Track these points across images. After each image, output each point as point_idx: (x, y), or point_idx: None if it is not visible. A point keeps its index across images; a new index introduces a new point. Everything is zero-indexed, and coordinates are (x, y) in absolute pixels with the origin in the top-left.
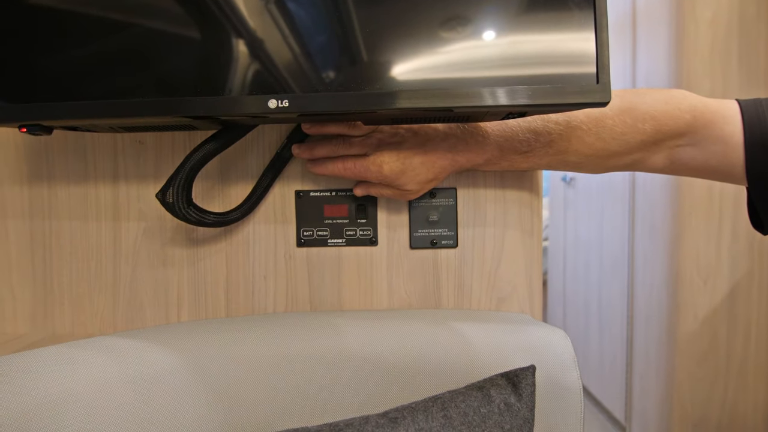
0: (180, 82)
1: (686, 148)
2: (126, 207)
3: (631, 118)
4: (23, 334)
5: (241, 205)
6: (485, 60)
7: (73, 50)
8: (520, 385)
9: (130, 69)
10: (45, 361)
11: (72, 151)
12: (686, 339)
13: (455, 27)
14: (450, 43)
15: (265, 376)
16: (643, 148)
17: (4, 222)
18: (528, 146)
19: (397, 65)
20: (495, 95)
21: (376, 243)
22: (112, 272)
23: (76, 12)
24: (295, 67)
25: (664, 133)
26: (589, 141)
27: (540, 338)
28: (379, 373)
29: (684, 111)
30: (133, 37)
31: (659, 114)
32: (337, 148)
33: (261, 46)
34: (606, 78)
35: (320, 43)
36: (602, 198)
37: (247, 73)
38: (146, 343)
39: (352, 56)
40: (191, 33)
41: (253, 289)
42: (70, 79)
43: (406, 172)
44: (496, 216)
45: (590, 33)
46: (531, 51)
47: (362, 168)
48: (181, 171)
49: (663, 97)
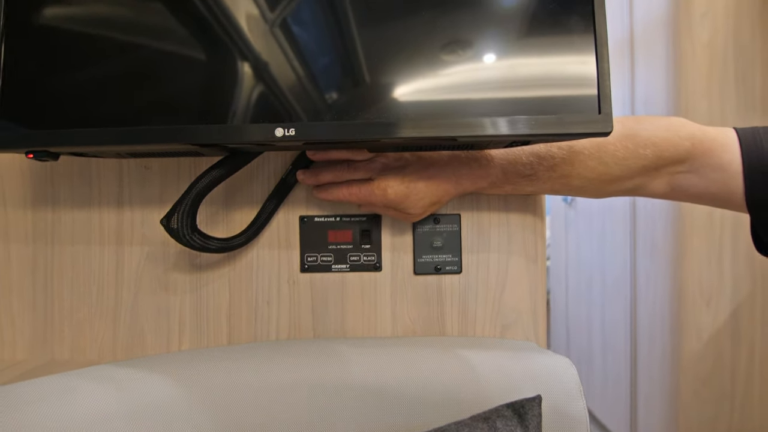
0: (187, 110)
1: (686, 175)
2: (130, 232)
3: (633, 143)
4: (22, 360)
5: (245, 231)
6: (493, 85)
7: (80, 78)
8: (527, 416)
9: (136, 96)
10: (45, 391)
11: (77, 176)
12: (690, 359)
13: (456, 50)
14: (455, 66)
15: (268, 405)
16: (644, 173)
17: (6, 246)
18: (531, 169)
19: (401, 90)
20: (499, 125)
21: (380, 269)
22: (113, 298)
23: (83, 40)
24: (301, 94)
25: (665, 159)
26: (591, 165)
27: (545, 367)
28: (383, 402)
29: (683, 138)
30: (139, 65)
31: (660, 140)
32: (341, 174)
33: (266, 75)
34: (608, 108)
35: (324, 70)
36: (603, 218)
37: (253, 101)
38: (147, 373)
39: (357, 82)
40: (197, 61)
41: (256, 315)
42: (77, 106)
43: (410, 196)
44: (500, 241)
45: (591, 63)
46: (533, 79)
47: (367, 193)
48: (186, 197)
49: (663, 125)
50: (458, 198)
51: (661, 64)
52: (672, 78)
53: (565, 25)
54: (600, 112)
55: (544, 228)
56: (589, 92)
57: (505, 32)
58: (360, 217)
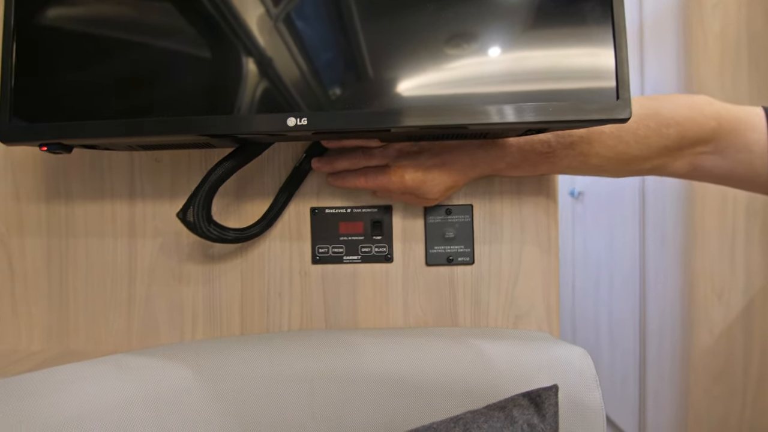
0: (199, 102)
1: (710, 156)
2: (142, 224)
3: (655, 122)
4: (38, 350)
5: (261, 220)
6: (504, 77)
7: (93, 72)
8: (543, 406)
9: (148, 89)
10: (64, 379)
11: (89, 170)
12: (701, 355)
13: (461, 43)
14: (466, 58)
15: (281, 395)
16: (666, 154)
17: (21, 239)
18: (549, 147)
19: (411, 81)
20: (513, 112)
21: (391, 260)
22: (127, 290)
23: (95, 35)
24: (310, 86)
25: (688, 139)
26: (611, 144)
27: (560, 357)
28: (396, 392)
29: (709, 117)
30: (152, 58)
31: (683, 119)
32: (357, 161)
33: (277, 64)
34: (626, 94)
35: (332, 62)
36: (611, 212)
37: (263, 93)
38: (163, 362)
39: (366, 74)
40: (205, 56)
41: (268, 306)
42: (89, 100)
43: (427, 182)
44: (513, 232)
45: (609, 49)
46: (550, 67)
47: (384, 179)
48: (200, 190)
49: (687, 103)
50: (470, 188)
51: (671, 55)
52: (683, 69)
53: (581, 13)
54: (618, 98)
55: (557, 219)
56: (608, 86)
57: (517, 21)
58: (371, 208)
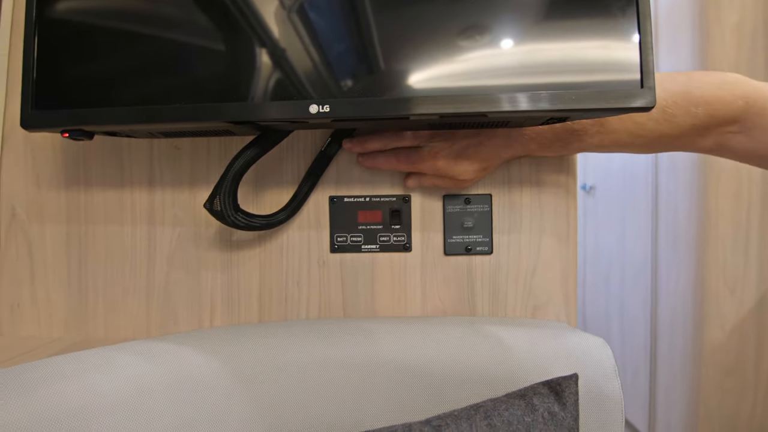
0: (223, 89)
1: (736, 135)
2: (161, 212)
3: (684, 101)
4: (58, 337)
5: (287, 206)
6: (524, 65)
7: (114, 60)
8: (564, 394)
9: (170, 77)
10: (85, 364)
11: (109, 157)
12: (713, 350)
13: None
14: (484, 49)
15: (301, 383)
16: (694, 132)
17: (41, 226)
18: (581, 125)
19: (433, 71)
20: (535, 100)
21: (410, 249)
22: (146, 277)
23: (115, 26)
24: (335, 72)
25: (716, 119)
26: (641, 121)
27: (580, 346)
28: (415, 380)
29: (737, 97)
30: (174, 47)
31: (712, 99)
32: (389, 141)
33: (298, 53)
34: (651, 82)
35: (354, 49)
36: (623, 206)
37: (288, 79)
38: (184, 348)
39: (389, 61)
40: (231, 43)
41: (286, 295)
42: (111, 86)
43: (461, 163)
44: (531, 222)
45: (634, 35)
46: (572, 54)
47: (416, 160)
48: (225, 179)
49: (717, 82)
50: (489, 177)
51: (686, 48)
52: (698, 62)
53: None
54: (642, 86)
55: (575, 209)
56: (632, 75)
57: (539, 7)
58: (390, 198)
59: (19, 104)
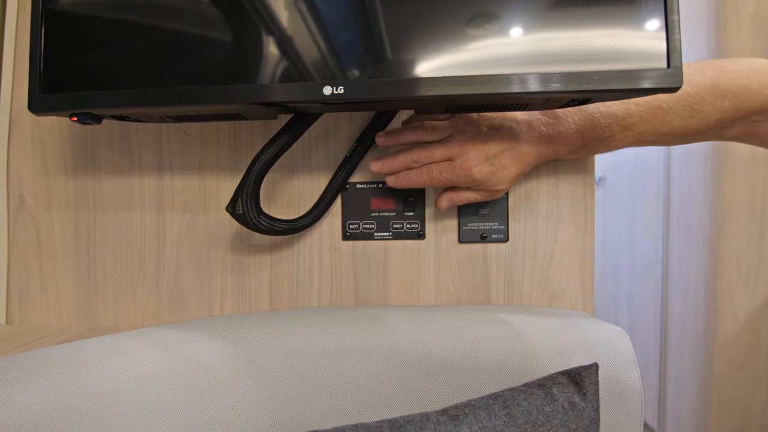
0: (238, 71)
1: (763, 123)
2: (170, 199)
3: (711, 94)
4: (67, 325)
5: (311, 212)
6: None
7: (123, 43)
8: (584, 384)
9: (184, 59)
10: (97, 351)
11: (117, 143)
12: (725, 342)
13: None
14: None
15: (314, 371)
16: (720, 126)
17: (49, 213)
18: (609, 132)
19: (450, 57)
20: (558, 80)
21: (423, 236)
22: (155, 264)
23: (120, 16)
24: (350, 54)
25: (743, 110)
26: (669, 120)
27: (599, 335)
28: (429, 368)
29: (764, 86)
30: (188, 28)
31: (739, 90)
32: (422, 134)
33: (313, 35)
34: (678, 62)
35: (370, 31)
36: (633, 198)
37: (302, 61)
38: (194, 335)
39: (406, 42)
40: (247, 27)
41: (297, 282)
42: (121, 68)
43: (497, 173)
44: (548, 210)
45: (660, 12)
46: (595, 33)
47: (449, 174)
48: (246, 181)
49: (744, 70)
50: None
51: (702, 36)
52: (714, 51)
53: None
54: (669, 65)
55: (593, 197)
56: (656, 44)
57: None
58: None
59: (25, 90)
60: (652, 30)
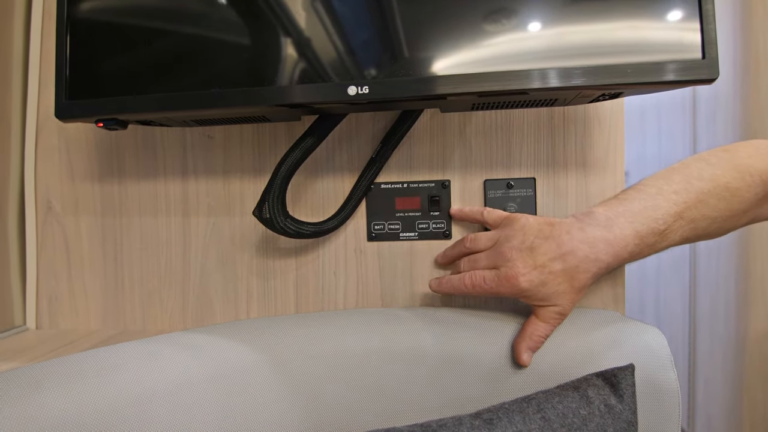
0: (264, 74)
1: None
2: (195, 202)
3: (738, 172)
4: (96, 330)
5: (337, 213)
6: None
7: (146, 48)
8: (620, 386)
9: (206, 62)
10: (127, 357)
11: (141, 148)
12: (757, 338)
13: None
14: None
15: (343, 374)
16: (758, 204)
17: (76, 218)
18: (664, 224)
19: (475, 52)
20: (589, 74)
21: (450, 236)
22: (181, 268)
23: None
24: (373, 54)
25: None
26: (713, 203)
27: (633, 336)
28: (459, 371)
29: None
30: (213, 33)
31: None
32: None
33: (336, 36)
34: (713, 52)
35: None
36: None
37: (327, 62)
38: (224, 340)
39: (428, 41)
40: (265, 31)
41: (323, 284)
42: (146, 73)
43: (548, 283)
44: (578, 207)
45: (693, 4)
46: (627, 25)
47: (493, 282)
48: (273, 184)
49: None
50: (532, 160)
51: (727, 26)
52: (740, 41)
53: None
54: (704, 56)
55: None
56: (691, 34)
57: None
58: (428, 183)
59: (51, 98)
60: (686, 21)
